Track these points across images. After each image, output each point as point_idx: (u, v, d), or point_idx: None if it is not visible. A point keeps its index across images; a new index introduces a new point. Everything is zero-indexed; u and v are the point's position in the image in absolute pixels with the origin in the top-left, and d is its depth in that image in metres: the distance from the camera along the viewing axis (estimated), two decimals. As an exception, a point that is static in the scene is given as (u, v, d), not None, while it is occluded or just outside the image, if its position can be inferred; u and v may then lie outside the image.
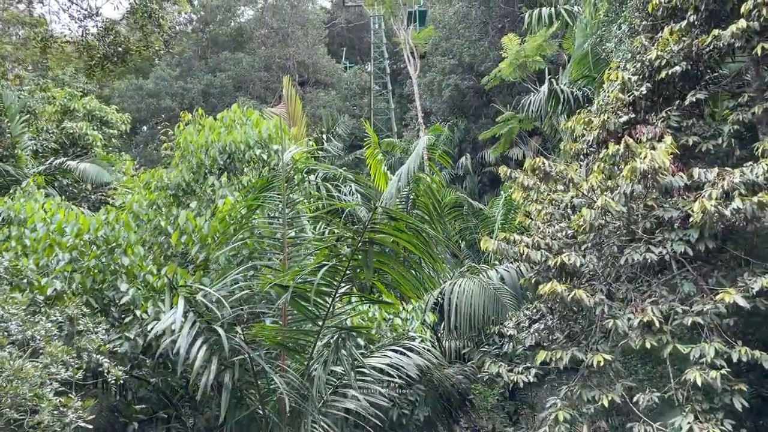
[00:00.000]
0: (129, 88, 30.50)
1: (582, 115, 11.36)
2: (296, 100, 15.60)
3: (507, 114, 23.27)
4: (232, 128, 9.86)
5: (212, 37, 36.21)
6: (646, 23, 10.88)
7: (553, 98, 13.98)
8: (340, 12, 48.55)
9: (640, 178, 7.69)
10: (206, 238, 7.58)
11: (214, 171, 9.24)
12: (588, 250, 8.46)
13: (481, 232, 16.00)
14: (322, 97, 35.11)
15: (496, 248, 8.63)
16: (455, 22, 29.37)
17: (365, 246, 5.80)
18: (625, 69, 10.56)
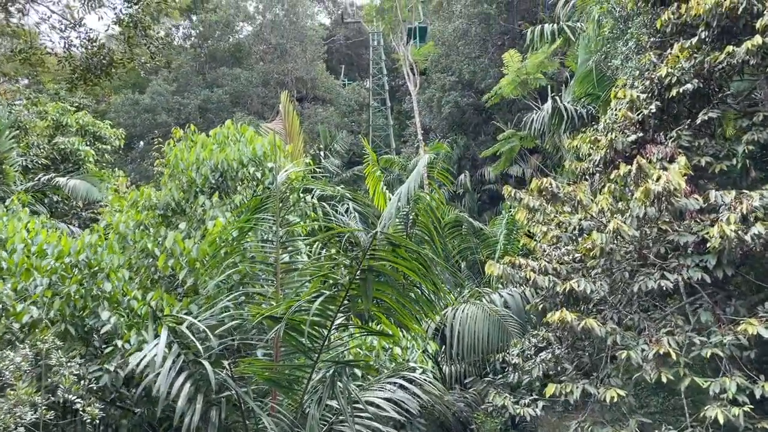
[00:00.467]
0: (125, 103, 30.18)
1: (588, 134, 11.02)
2: (293, 116, 15.24)
3: (508, 132, 22.96)
4: (225, 145, 9.47)
5: (211, 53, 36.02)
6: (654, 40, 10.57)
7: (557, 116, 13.64)
8: (339, 28, 48.53)
9: (654, 200, 7.29)
10: (195, 261, 7.14)
11: (205, 190, 8.83)
12: (598, 276, 8.04)
13: (482, 252, 15.58)
14: (320, 113, 34.85)
15: (502, 273, 8.20)
16: (455, 39, 29.18)
17: (364, 274, 5.37)
18: (633, 87, 10.23)
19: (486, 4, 27.16)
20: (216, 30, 34.53)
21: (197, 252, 7.10)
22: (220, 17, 33.64)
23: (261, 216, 7.13)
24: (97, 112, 35.16)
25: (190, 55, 33.83)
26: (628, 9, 11.61)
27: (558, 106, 13.48)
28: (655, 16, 10.68)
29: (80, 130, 19.46)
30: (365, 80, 45.05)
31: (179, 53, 33.43)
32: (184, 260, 7.19)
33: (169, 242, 7.15)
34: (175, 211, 8.59)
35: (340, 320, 5.75)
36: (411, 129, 36.08)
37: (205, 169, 8.64)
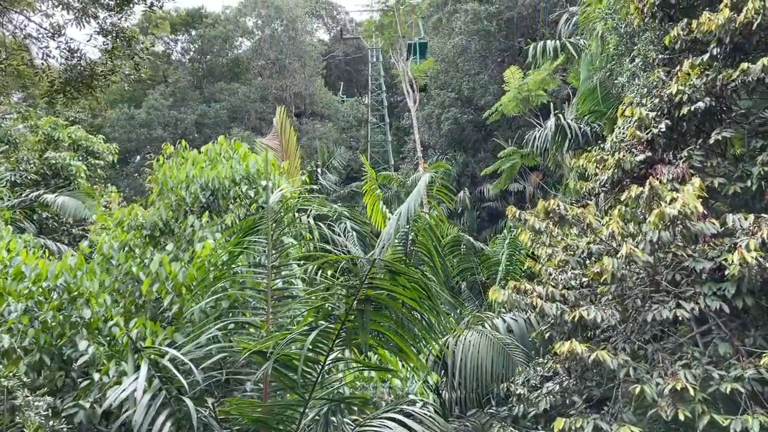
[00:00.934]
0: (120, 117, 29.86)
1: (593, 153, 10.67)
2: (290, 132, 14.88)
3: (509, 149, 22.64)
4: (218, 162, 9.08)
5: (209, 68, 35.82)
6: (663, 56, 10.26)
7: (560, 134, 13.29)
8: (338, 44, 48.47)
9: (668, 224, 6.89)
10: (181, 286, 6.70)
11: (195, 209, 8.42)
12: (608, 302, 7.62)
13: (482, 272, 15.15)
14: (318, 129, 34.57)
15: (507, 299, 7.77)
16: (454, 56, 28.99)
17: (361, 305, 4.94)
18: (641, 105, 9.89)
19: (486, 21, 27.01)
20: (214, 45, 34.34)
21: (184, 276, 6.67)
22: (219, 32, 33.46)
23: (253, 238, 6.71)
24: (92, 127, 34.84)
25: (188, 70, 33.58)
26: (634, 25, 11.32)
27: (561, 123, 13.14)
28: (663, 32, 10.38)
29: (73, 144, 19.08)
30: (364, 96, 44.88)
31: (176, 68, 33.19)
32: (170, 285, 6.76)
33: (154, 266, 6.72)
34: (162, 232, 8.17)
35: (335, 354, 5.31)
36: (410, 145, 35.80)
37: (195, 187, 8.23)
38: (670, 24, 10.34)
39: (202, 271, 6.89)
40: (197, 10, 35.16)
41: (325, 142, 34.08)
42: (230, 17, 36.71)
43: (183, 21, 34.88)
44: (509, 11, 27.51)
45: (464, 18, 27.68)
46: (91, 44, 9.91)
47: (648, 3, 10.13)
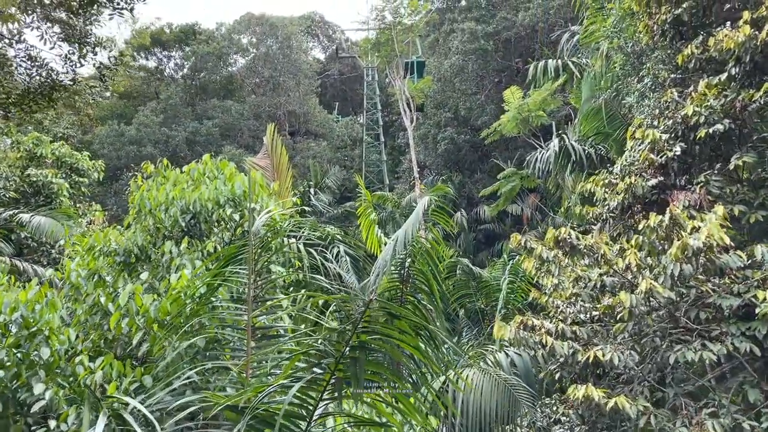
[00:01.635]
0: (110, 134, 29.22)
1: (601, 177, 10.10)
2: (281, 151, 14.27)
3: (508, 170, 22.12)
4: (201, 183, 8.44)
5: (202, 84, 35.34)
6: (675, 76, 9.75)
7: (563, 156, 12.75)
8: (333, 63, 48.20)
9: (691, 256, 6.28)
10: (153, 322, 6.01)
11: (174, 234, 7.76)
12: (624, 341, 6.97)
13: (481, 299, 14.50)
14: (312, 148, 34.04)
15: (513, 336, 7.11)
16: (451, 75, 28.61)
17: (354, 352, 4.27)
18: (652, 126, 9.35)
19: (483, 41, 26.66)
20: (208, 62, 33.89)
21: (156, 310, 5.98)
22: (213, 49, 33.02)
23: (235, 268, 6.04)
24: (82, 143, 34.17)
25: (180, 86, 33.06)
26: (642, 44, 10.84)
27: (565, 145, 12.59)
28: (675, 51, 9.89)
29: (56, 161, 18.40)
30: (359, 115, 44.50)
31: (168, 84, 32.68)
32: (140, 320, 6.07)
33: (123, 298, 6.03)
34: (138, 258, 7.50)
35: (324, 405, 4.63)
36: (405, 165, 35.30)
37: (174, 210, 7.58)
38: (682, 42, 9.87)
39: (177, 305, 6.20)
40: (191, 27, 34.77)
41: (319, 162, 33.53)
42: (224, 34, 36.34)
43: (176, 37, 34.45)
44: (507, 31, 27.20)
45: (461, 37, 27.34)
46: (55, 52, 9.26)
47: (659, 20, 9.65)
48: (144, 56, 35.39)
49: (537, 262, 8.86)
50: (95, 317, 6.58)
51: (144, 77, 35.28)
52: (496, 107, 28.70)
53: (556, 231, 7.40)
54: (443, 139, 28.88)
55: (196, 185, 8.16)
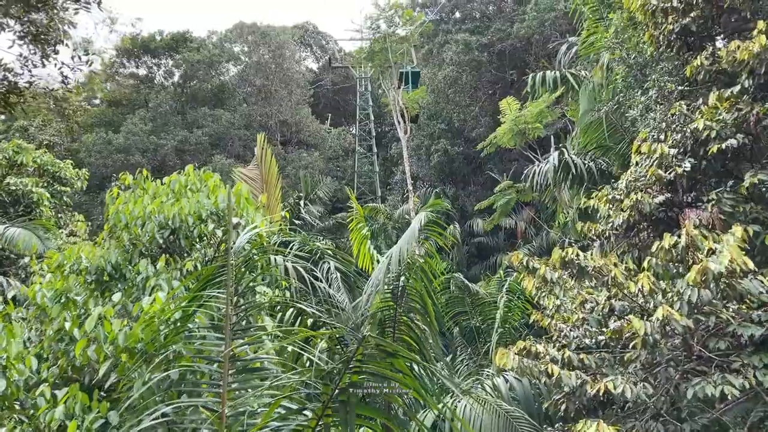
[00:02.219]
0: (97, 142, 28.58)
1: (604, 193, 9.66)
2: (271, 161, 13.76)
3: (504, 183, 21.70)
4: (183, 196, 7.91)
5: (192, 93, 34.79)
6: (682, 89, 9.34)
7: (563, 170, 12.31)
8: (326, 73, 47.80)
9: (710, 281, 5.81)
10: (122, 351, 5.45)
11: (152, 251, 7.21)
12: (636, 371, 6.47)
13: (476, 316, 13.98)
14: (304, 158, 33.53)
15: (517, 365, 6.59)
16: (444, 87, 28.25)
17: (344, 395, 3.75)
18: (658, 140, 8.93)
19: (477, 52, 26.33)
20: (199, 70, 33.38)
21: (125, 338, 5.42)
22: (204, 56, 32.52)
23: (214, 291, 5.50)
24: (69, 151, 33.50)
25: (170, 94, 32.49)
26: (647, 55, 10.45)
27: (565, 158, 12.16)
28: (682, 62, 9.50)
29: (38, 170, 17.79)
30: (351, 126, 44.08)
31: (158, 92, 32.13)
32: (109, 348, 5.51)
33: (90, 324, 5.47)
34: (112, 277, 6.94)
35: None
36: (397, 176, 34.86)
37: (151, 225, 7.04)
38: (689, 54, 9.48)
39: (149, 331, 5.64)
40: (182, 34, 34.24)
41: (311, 172, 33.01)
42: (215, 42, 35.86)
43: (167, 45, 33.92)
44: (501, 43, 26.90)
45: (455, 48, 27.02)
46: (15, 51, 8.67)
47: (666, 30, 9.25)
48: (134, 64, 34.83)
49: (539, 281, 8.39)
50: (61, 343, 6.01)
51: (133, 85, 34.69)
52: (491, 119, 28.36)
53: (562, 251, 6.91)
54: (436, 150, 28.47)
55: (177, 198, 7.63)
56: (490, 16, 29.03)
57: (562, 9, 23.65)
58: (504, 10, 29.81)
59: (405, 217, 28.67)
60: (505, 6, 31.20)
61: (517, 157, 27.79)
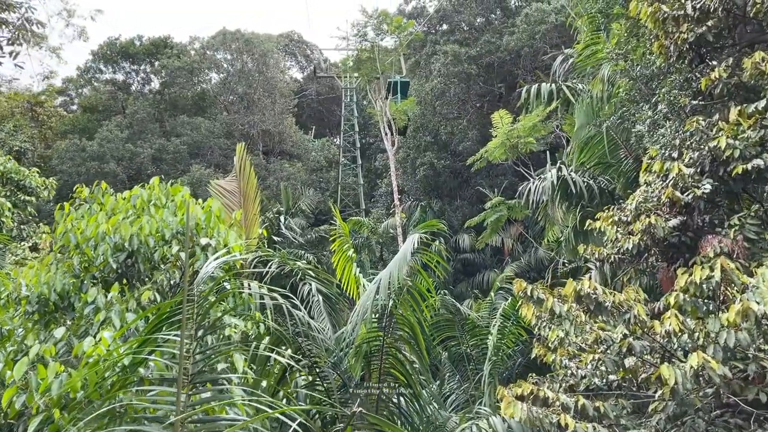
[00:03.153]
0: (69, 149, 27.38)
1: (609, 214, 8.93)
2: (251, 173, 12.83)
3: (495, 199, 20.96)
4: (145, 212, 6.99)
5: (172, 100, 33.72)
6: (695, 103, 8.65)
7: (561, 187, 11.59)
8: (310, 83, 47.02)
9: (753, 324, 5.03)
10: (57, 404, 4.51)
11: (108, 276, 6.28)
12: (660, 423, 5.66)
13: (466, 341, 13.13)
14: (287, 169, 32.58)
15: (526, 416, 5.74)
16: (432, 99, 27.56)
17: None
18: (670, 158, 8.22)
19: (466, 64, 25.70)
20: (179, 76, 32.37)
21: (59, 387, 4.49)
22: (184, 63, 31.52)
23: (171, 334, 4.59)
24: (42, 158, 32.23)
25: (149, 101, 31.39)
26: (654, 66, 9.77)
27: (564, 175, 11.43)
28: (695, 75, 8.82)
29: (1, 177, 16.68)
30: (336, 137, 43.27)
31: (136, 98, 31.04)
32: (40, 399, 4.56)
33: (18, 372, 4.53)
34: (57, 307, 5.99)
35: None
36: (382, 189, 34.08)
37: (105, 246, 6.10)
38: (704, 66, 8.82)
39: (99, 374, 4.71)
40: (162, 40, 33.23)
41: (294, 183, 32.08)
42: (197, 49, 34.90)
43: (146, 50, 32.88)
44: (490, 55, 26.31)
45: (443, 60, 26.36)
46: None
47: (679, 40, 8.57)
48: (111, 69, 33.69)
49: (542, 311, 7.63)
50: (-12, 387, 5.04)
51: (111, 91, 33.55)
52: (478, 133, 27.71)
53: (577, 283, 6.10)
54: (423, 164, 27.72)
55: (139, 215, 6.71)
56: (479, 28, 28.47)
57: (552, 22, 23.14)
58: (492, 22, 29.30)
59: (390, 231, 27.84)
60: (494, 18, 30.71)
61: (505, 172, 27.15)
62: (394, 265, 7.31)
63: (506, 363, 12.41)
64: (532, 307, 7.94)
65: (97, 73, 33.79)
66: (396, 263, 7.30)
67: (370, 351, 8.27)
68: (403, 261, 7.28)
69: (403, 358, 8.49)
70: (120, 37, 33.09)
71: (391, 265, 7.46)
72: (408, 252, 7.29)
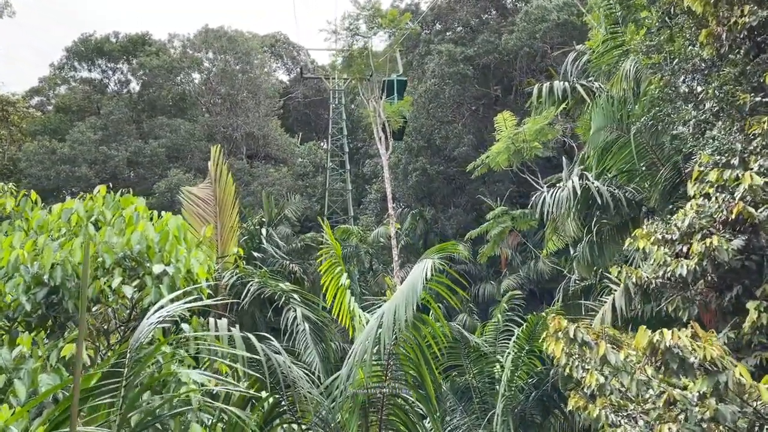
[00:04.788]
0: (39, 151, 25.59)
1: (651, 231, 7.53)
2: (228, 179, 11.30)
3: (498, 209, 19.53)
4: (90, 230, 5.44)
5: (150, 100, 31.98)
6: (758, 100, 7.27)
7: (583, 197, 10.19)
8: (297, 86, 45.45)
9: None
10: None
11: (26, 319, 4.72)
12: None
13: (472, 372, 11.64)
14: (271, 174, 30.98)
15: None
16: (426, 101, 26.14)
17: None
18: (729, 166, 6.83)
19: (462, 64, 24.32)
20: (158, 75, 30.66)
21: None
22: (163, 62, 29.84)
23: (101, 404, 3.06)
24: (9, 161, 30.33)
25: (125, 102, 29.64)
26: (698, 60, 8.40)
27: (587, 184, 10.02)
28: (754, 67, 7.46)
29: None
30: (323, 141, 41.72)
31: (111, 98, 29.28)
32: None
33: None
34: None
35: None
36: (372, 195, 32.61)
37: (18, 281, 4.55)
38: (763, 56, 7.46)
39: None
40: (140, 37, 31.52)
41: (279, 189, 30.48)
42: (176, 46, 33.26)
43: (123, 48, 31.15)
44: (487, 55, 24.95)
45: (438, 60, 24.97)
46: None
47: (737, 25, 7.19)
48: (86, 67, 31.90)
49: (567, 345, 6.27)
50: None
51: (86, 90, 31.73)
52: (474, 137, 26.37)
53: (654, 335, 4.63)
54: (415, 169, 26.29)
55: (69, 237, 5.16)
56: (474, 28, 27.13)
57: (554, 20, 21.83)
58: (488, 21, 27.99)
59: (380, 240, 26.32)
60: (490, 18, 29.43)
61: (502, 178, 25.81)
62: (401, 298, 5.82)
63: (518, 397, 10.94)
64: (561, 344, 6.57)
65: (71, 71, 31.97)
66: (403, 296, 5.81)
67: (369, 400, 6.79)
68: (411, 295, 5.79)
69: (408, 407, 7.02)
70: (95, 33, 31.34)
71: (397, 297, 5.97)
72: (418, 284, 5.80)
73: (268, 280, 9.59)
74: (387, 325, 5.74)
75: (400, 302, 5.77)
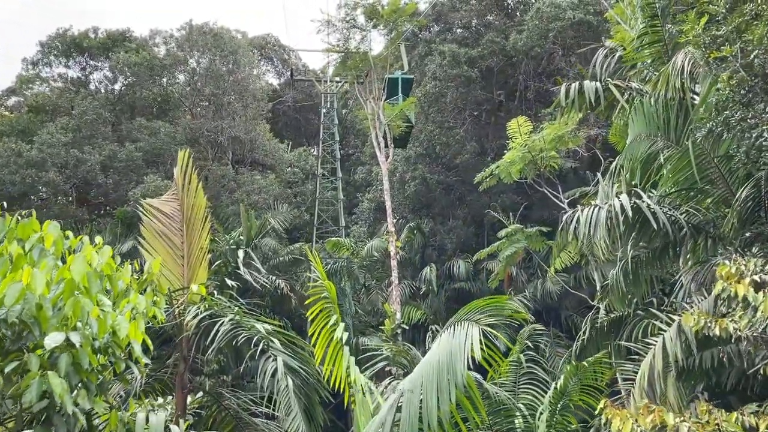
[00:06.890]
0: (3, 154, 23.46)
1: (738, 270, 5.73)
2: (198, 190, 9.34)
3: (511, 227, 17.62)
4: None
5: (130, 101, 29.91)
6: None
7: (637, 220, 8.36)
8: (287, 89, 43.50)
9: None
10: None
11: None
12: None
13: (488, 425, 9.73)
14: (258, 181, 28.97)
15: None
16: (426, 105, 24.29)
17: None
18: None
19: (466, 66, 22.51)
20: (138, 74, 28.62)
21: None
22: (143, 59, 27.81)
23: None
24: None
25: (101, 102, 27.53)
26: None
27: (639, 205, 8.18)
28: None
29: None
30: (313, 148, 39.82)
31: (85, 97, 27.17)
32: None
33: None
34: None
35: None
36: (364, 204, 30.71)
37: None
38: None
39: None
40: (121, 33, 29.45)
41: (265, 198, 28.46)
42: (158, 43, 31.20)
43: (102, 44, 29.07)
44: (492, 57, 23.18)
45: (440, 61, 23.15)
46: None
47: None
48: (62, 63, 29.78)
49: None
50: None
51: (60, 89, 29.62)
52: (477, 144, 24.57)
53: None
54: (413, 178, 24.43)
55: None
56: (477, 28, 25.39)
57: (569, 18, 20.08)
58: (492, 21, 26.26)
59: (374, 254, 24.36)
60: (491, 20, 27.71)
61: (505, 190, 24.01)
62: (430, 380, 3.91)
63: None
64: (630, 422, 4.83)
65: (45, 67, 29.84)
66: (434, 378, 3.91)
67: None
68: (447, 378, 3.89)
69: None
70: (71, 28, 29.24)
71: (424, 375, 4.05)
72: (458, 363, 3.90)
73: (243, 318, 7.65)
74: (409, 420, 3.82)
75: (429, 386, 3.86)
